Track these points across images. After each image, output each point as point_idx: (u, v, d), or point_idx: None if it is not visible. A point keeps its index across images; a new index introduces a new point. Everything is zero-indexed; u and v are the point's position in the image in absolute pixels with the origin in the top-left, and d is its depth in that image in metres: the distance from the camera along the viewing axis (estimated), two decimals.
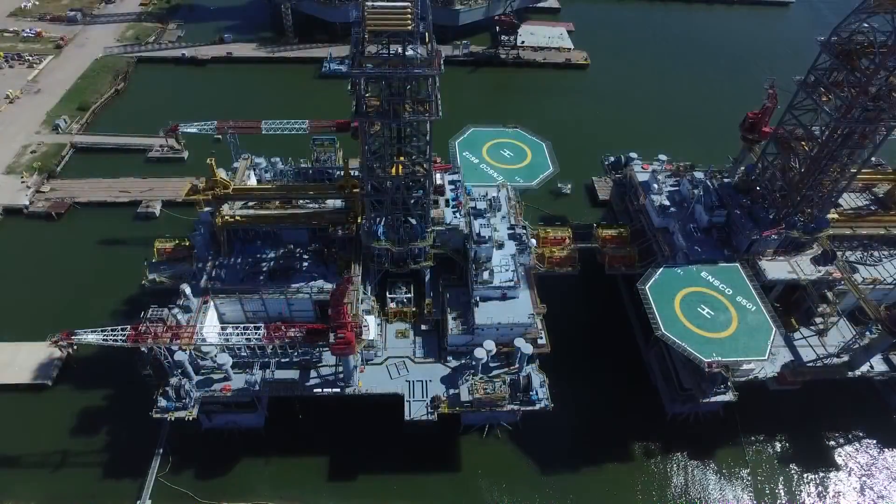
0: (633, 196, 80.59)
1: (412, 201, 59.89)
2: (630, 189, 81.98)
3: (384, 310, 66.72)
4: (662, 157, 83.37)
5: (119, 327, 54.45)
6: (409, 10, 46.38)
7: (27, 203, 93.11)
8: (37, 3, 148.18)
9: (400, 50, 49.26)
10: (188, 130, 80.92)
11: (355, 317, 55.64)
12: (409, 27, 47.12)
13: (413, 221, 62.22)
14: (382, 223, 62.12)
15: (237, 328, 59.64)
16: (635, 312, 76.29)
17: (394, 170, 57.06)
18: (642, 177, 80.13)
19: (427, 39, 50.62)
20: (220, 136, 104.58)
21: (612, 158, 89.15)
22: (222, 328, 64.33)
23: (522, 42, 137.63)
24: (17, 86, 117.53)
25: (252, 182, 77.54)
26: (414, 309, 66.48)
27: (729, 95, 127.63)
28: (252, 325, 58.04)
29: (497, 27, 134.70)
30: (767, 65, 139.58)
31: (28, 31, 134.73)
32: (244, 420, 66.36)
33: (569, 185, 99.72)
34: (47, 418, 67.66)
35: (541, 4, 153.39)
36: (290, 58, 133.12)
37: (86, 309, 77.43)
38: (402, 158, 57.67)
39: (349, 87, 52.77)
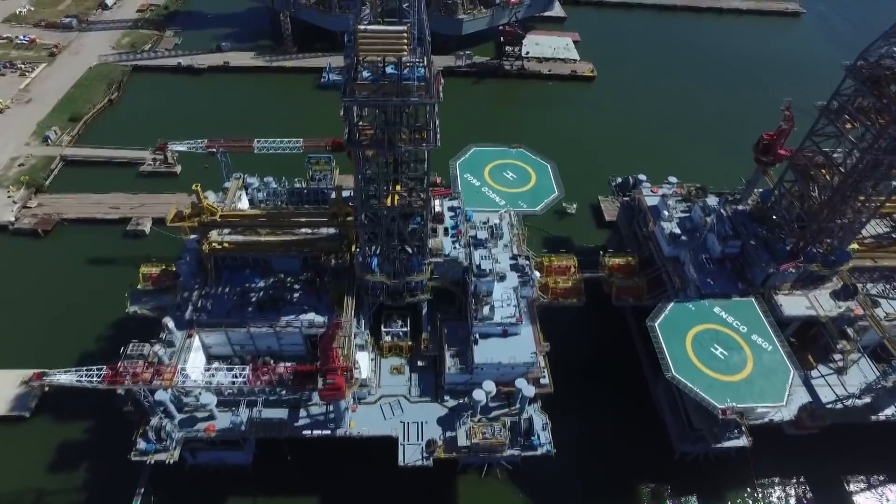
0: (642, 221, 76.99)
1: (409, 232, 56.44)
2: (638, 214, 78.38)
3: (379, 344, 63.31)
4: (672, 179, 79.99)
5: (95, 368, 51.05)
6: (404, 34, 42.93)
7: (13, 219, 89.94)
8: (32, 8, 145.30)
9: (395, 73, 45.96)
10: (177, 148, 77.81)
11: (346, 358, 52.15)
12: (405, 53, 43.68)
13: (410, 250, 58.81)
14: (377, 254, 58.66)
15: (222, 366, 56.55)
16: (643, 344, 72.60)
17: (389, 200, 53.65)
18: (651, 201, 76.57)
19: (426, 64, 47.14)
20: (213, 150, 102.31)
21: (619, 180, 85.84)
22: (207, 364, 61.41)
23: (527, 53, 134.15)
24: (7, 95, 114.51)
25: (244, 203, 74.47)
26: (410, 343, 63.08)
27: (740, 110, 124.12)
28: (237, 366, 54.54)
29: (501, 38, 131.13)
30: (779, 78, 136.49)
31: (22, 37, 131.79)
32: (231, 457, 62.76)
33: (574, 206, 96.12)
34: (24, 453, 64.23)
35: (546, 14, 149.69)
36: (289, 67, 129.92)
37: (69, 334, 74.31)
38: (398, 188, 54.30)
39: (342, 113, 49.48)
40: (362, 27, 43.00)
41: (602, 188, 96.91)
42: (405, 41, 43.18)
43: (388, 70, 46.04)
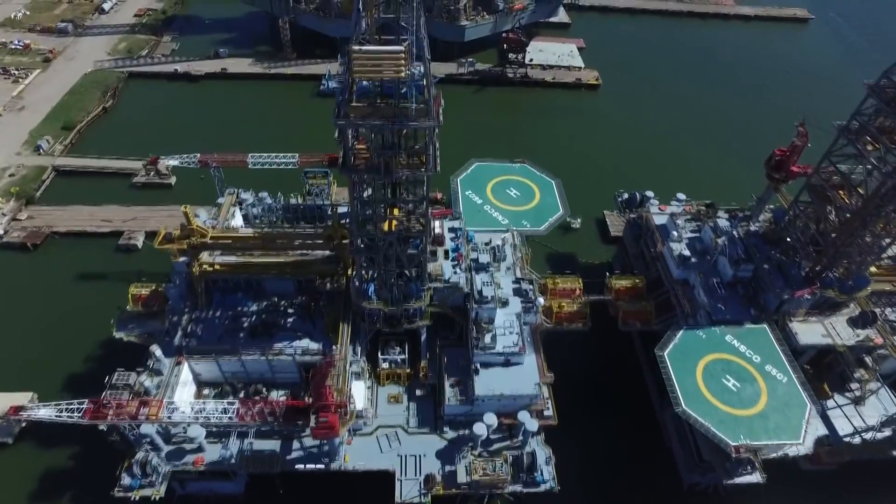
0: (650, 240, 74.27)
1: (407, 257, 53.83)
2: (646, 232, 75.65)
3: (375, 371, 60.72)
4: (681, 196, 77.17)
5: (76, 402, 48.53)
6: (402, 55, 40.30)
7: (1, 232, 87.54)
8: (27, 13, 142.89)
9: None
10: (169, 163, 75.42)
11: (340, 392, 49.57)
12: (403, 74, 41.05)
13: (408, 275, 56.21)
14: (374, 279, 56.08)
15: (211, 399, 54.19)
16: (650, 369, 69.96)
17: (386, 225, 51.05)
18: (659, 219, 73.77)
19: (425, 84, 44.52)
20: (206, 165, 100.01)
21: (625, 195, 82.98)
22: (198, 391, 59.03)
23: (531, 60, 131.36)
24: None
25: (238, 220, 72.08)
26: (408, 371, 60.50)
27: (748, 119, 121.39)
28: (226, 401, 51.97)
29: (504, 45, 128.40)
30: (789, 86, 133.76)
31: (16, 42, 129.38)
32: (222, 487, 60.19)
33: (578, 220, 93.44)
34: (5, 482, 61.80)
35: (550, 19, 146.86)
36: (288, 74, 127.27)
37: (56, 354, 71.98)
38: (396, 211, 51.72)
39: (336, 135, 46.91)
40: (357, 47, 40.40)
41: (607, 201, 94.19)
42: (403, 62, 40.55)
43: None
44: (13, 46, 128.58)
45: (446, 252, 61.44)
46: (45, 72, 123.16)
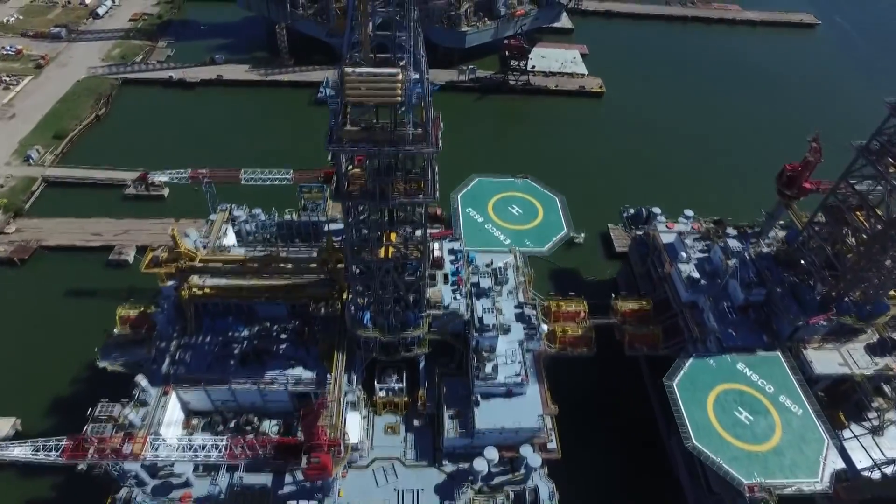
0: (657, 260, 71.74)
1: (404, 284, 51.30)
2: (653, 252, 73.10)
3: (372, 399, 58.14)
4: (689, 213, 74.81)
5: (54, 439, 45.92)
6: (398, 78, 37.74)
7: None
8: (20, 17, 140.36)
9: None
10: (159, 179, 72.91)
11: (334, 429, 47.00)
12: (399, 98, 38.51)
13: (407, 301, 53.62)
14: (370, 306, 53.52)
15: (201, 424, 51.68)
16: (657, 394, 67.32)
17: (382, 252, 48.52)
18: (667, 238, 71.27)
19: (423, 106, 41.95)
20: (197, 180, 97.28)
21: (631, 211, 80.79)
22: (186, 422, 56.47)
23: (533, 66, 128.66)
24: None
25: (230, 238, 69.70)
26: (406, 399, 57.88)
27: (756, 128, 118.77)
28: (213, 439, 49.35)
29: (506, 52, 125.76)
30: (796, 93, 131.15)
31: (8, 48, 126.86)
32: None
33: (582, 235, 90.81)
34: None
35: (553, 25, 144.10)
36: (284, 81, 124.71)
37: (42, 375, 69.71)
38: (393, 237, 49.16)
39: (329, 158, 44.41)
40: (350, 70, 37.82)
41: (612, 215, 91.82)
42: (399, 86, 38.00)
43: None
44: (5, 52, 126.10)
45: (446, 276, 58.95)
46: (36, 78, 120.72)
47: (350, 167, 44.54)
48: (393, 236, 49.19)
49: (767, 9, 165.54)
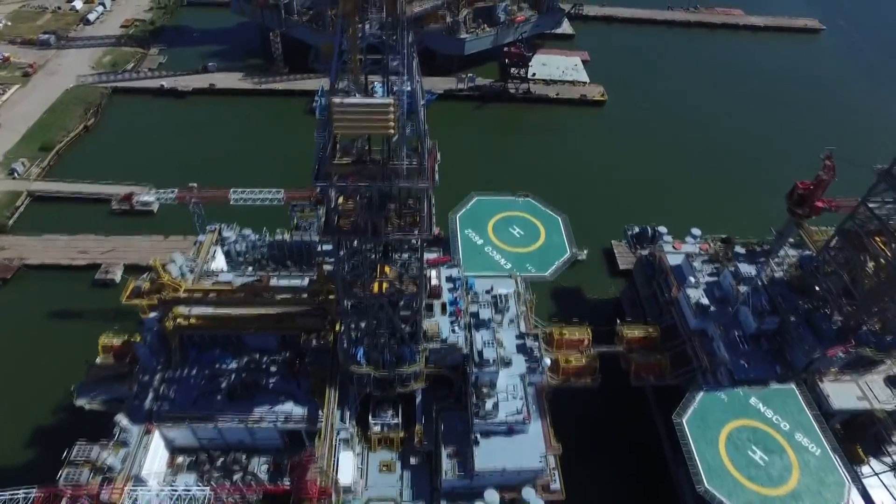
0: (663, 283, 68.88)
1: (400, 319, 48.47)
2: (659, 274, 70.22)
3: (366, 435, 55.31)
4: (696, 232, 71.85)
5: (23, 489, 43.04)
6: (391, 108, 34.85)
7: None
8: (9, 24, 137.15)
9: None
10: (145, 199, 70.01)
11: (325, 477, 44.17)
12: (392, 130, 35.64)
13: (402, 335, 50.77)
14: (363, 341, 50.68)
15: (186, 463, 49.18)
16: (664, 424, 64.46)
17: (376, 287, 45.68)
18: (673, 260, 68.43)
19: (419, 136, 39.12)
20: (193, 185, 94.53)
21: (636, 229, 77.81)
22: (170, 460, 53.64)
23: (533, 74, 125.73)
24: None
25: (219, 260, 66.99)
26: (402, 434, 55.07)
27: (763, 138, 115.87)
28: (201, 472, 46.68)
29: (506, 59, 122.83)
30: (803, 101, 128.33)
31: None
32: None
33: (584, 252, 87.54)
34: None
35: (554, 31, 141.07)
36: (279, 90, 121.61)
37: (19, 409, 65.98)
38: (388, 270, 46.32)
39: (317, 190, 41.67)
40: (338, 100, 34.95)
41: (615, 230, 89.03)
42: (391, 116, 35.12)
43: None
44: None
45: (443, 305, 56.04)
46: (24, 87, 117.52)
47: (341, 200, 41.75)
48: (387, 270, 46.40)
49: (771, 14, 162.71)
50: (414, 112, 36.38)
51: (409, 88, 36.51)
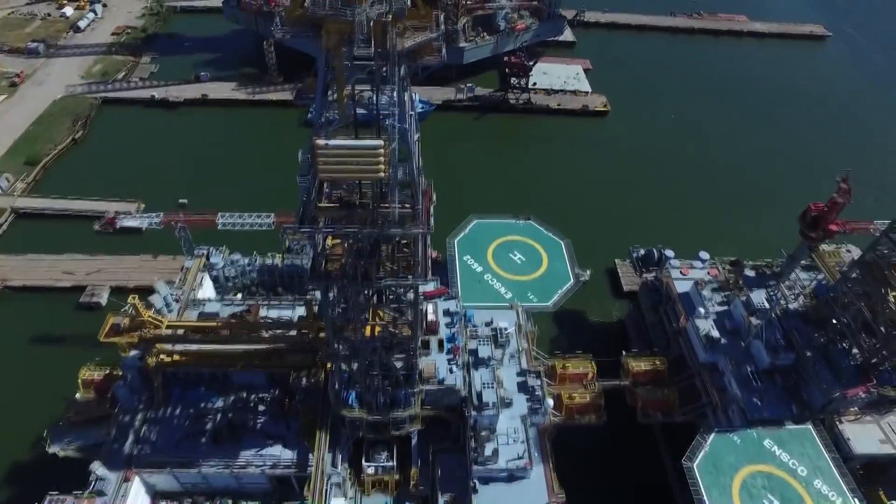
0: (671, 311, 65.98)
1: (394, 363, 45.52)
2: (666, 301, 67.32)
3: (359, 478, 52.35)
4: (704, 255, 69.06)
5: None
6: (380, 151, 31.86)
7: None
8: None
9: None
10: (128, 224, 67.08)
11: None
12: (382, 175, 32.65)
13: (397, 377, 47.80)
14: (355, 383, 47.71)
15: None
16: (672, 462, 61.43)
17: (368, 330, 42.73)
18: (681, 286, 65.49)
19: (412, 178, 36.14)
20: (183, 201, 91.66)
21: (641, 251, 75.05)
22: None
23: (534, 84, 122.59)
24: None
25: (207, 289, 64.17)
26: (397, 477, 52.12)
27: (771, 152, 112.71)
28: None
29: (507, 69, 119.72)
30: (810, 112, 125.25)
31: None
32: None
33: (587, 272, 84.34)
34: None
35: (554, 38, 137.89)
36: (273, 101, 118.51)
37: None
38: (380, 314, 43.37)
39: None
40: (322, 142, 31.97)
41: (619, 249, 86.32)
42: (381, 160, 32.12)
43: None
44: None
45: (441, 342, 53.02)
46: (10, 97, 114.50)
47: (329, 240, 38.79)
48: (381, 313, 43.44)
49: (776, 20, 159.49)
50: (406, 148, 33.38)
51: (399, 126, 33.46)
